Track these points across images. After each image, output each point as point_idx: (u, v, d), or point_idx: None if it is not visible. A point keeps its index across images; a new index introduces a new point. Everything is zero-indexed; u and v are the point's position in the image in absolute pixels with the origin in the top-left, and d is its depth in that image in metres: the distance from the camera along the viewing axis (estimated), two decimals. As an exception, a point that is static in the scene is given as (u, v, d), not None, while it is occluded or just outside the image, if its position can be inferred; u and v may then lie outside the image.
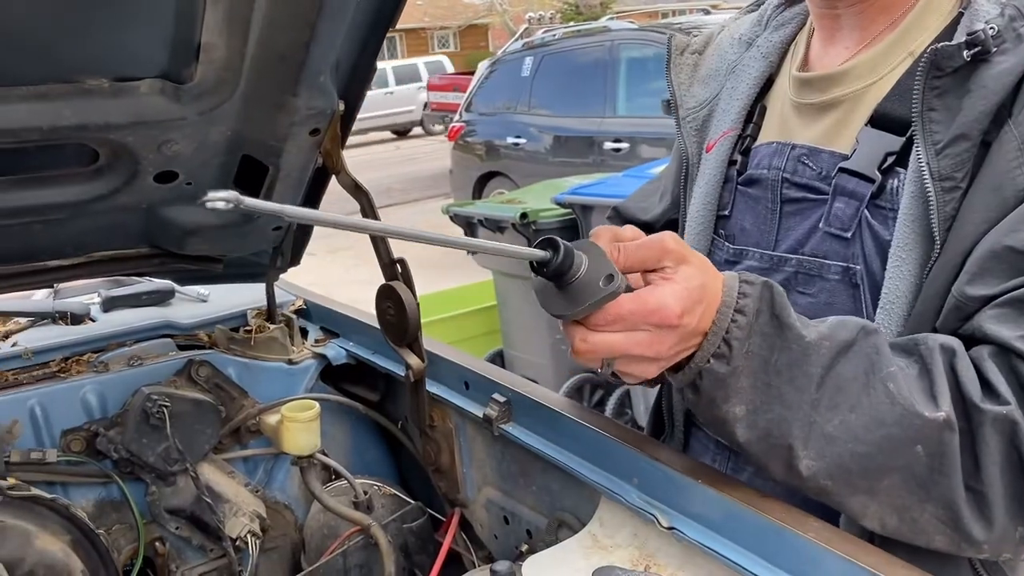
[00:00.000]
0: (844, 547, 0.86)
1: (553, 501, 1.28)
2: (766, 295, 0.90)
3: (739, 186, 1.21)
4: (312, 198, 1.56)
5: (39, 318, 1.67)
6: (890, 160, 1.04)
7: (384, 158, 16.02)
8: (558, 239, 0.82)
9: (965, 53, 0.95)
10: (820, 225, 1.10)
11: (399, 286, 1.35)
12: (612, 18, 12.01)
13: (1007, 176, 0.93)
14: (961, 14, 1.03)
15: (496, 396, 1.31)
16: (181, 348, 1.67)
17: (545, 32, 9.55)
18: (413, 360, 1.39)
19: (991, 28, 0.95)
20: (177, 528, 1.55)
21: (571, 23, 9.21)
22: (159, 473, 1.50)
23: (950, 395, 0.87)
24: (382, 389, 1.78)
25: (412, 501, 1.63)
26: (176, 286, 1.81)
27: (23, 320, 1.66)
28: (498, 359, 4.69)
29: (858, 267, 1.06)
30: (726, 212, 1.24)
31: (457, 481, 1.50)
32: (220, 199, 0.61)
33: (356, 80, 1.27)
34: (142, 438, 1.47)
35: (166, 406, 1.45)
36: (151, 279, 1.84)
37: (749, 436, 0.90)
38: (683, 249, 0.88)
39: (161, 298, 1.80)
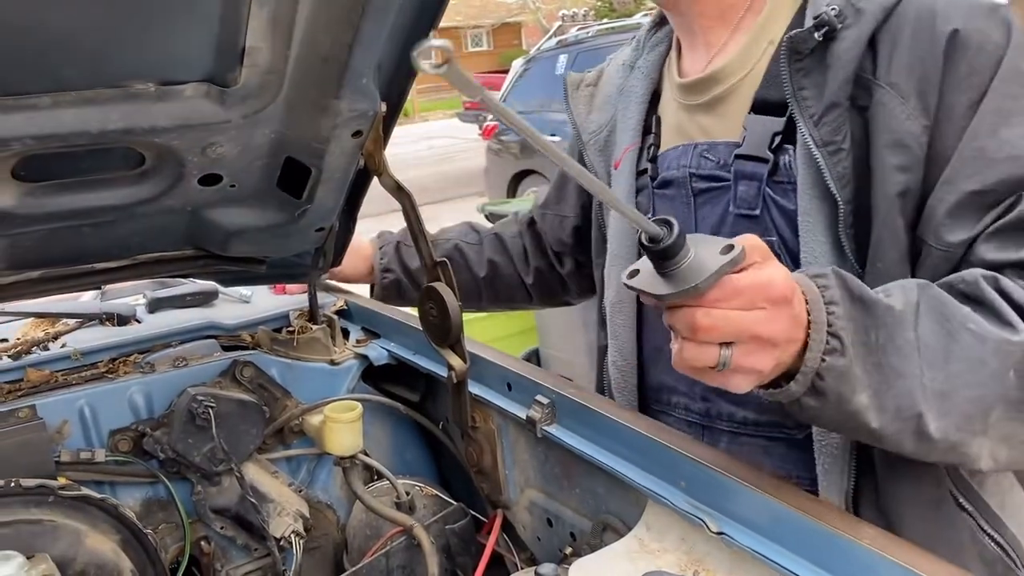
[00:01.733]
0: (900, 554, 0.84)
1: (598, 504, 1.27)
2: (840, 281, 0.90)
3: (655, 190, 1.33)
4: (354, 199, 1.56)
5: (87, 319, 1.69)
6: (777, 140, 1.15)
7: (419, 156, 16.09)
8: (672, 219, 0.80)
9: (816, 35, 1.08)
10: (730, 209, 1.21)
11: (442, 288, 1.35)
12: (646, 15, 11.92)
13: (904, 130, 1.04)
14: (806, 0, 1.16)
15: (539, 398, 1.30)
16: (225, 349, 1.68)
17: (579, 30, 9.51)
18: (455, 361, 1.38)
19: (832, 8, 1.08)
20: (222, 527, 1.57)
21: (605, 20, 9.15)
22: (204, 473, 1.52)
23: (1017, 315, 0.93)
24: (423, 389, 1.78)
25: (454, 502, 1.63)
26: (219, 287, 1.83)
27: (71, 322, 1.68)
28: (534, 357, 4.68)
29: (773, 239, 1.15)
30: (648, 215, 1.28)
31: (499, 482, 1.49)
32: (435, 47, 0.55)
33: (398, 81, 1.27)
34: (188, 438, 1.48)
35: (211, 407, 1.47)
36: (195, 280, 1.86)
37: (882, 420, 0.89)
38: (766, 247, 0.86)
39: (205, 299, 1.81)
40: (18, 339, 1.61)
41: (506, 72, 11.27)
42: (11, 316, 1.72)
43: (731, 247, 0.80)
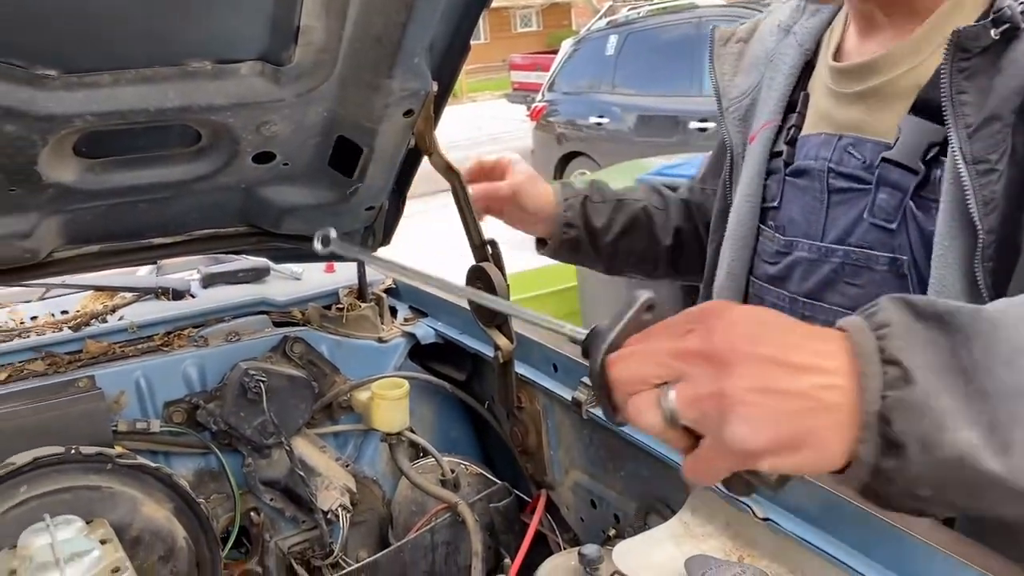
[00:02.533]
0: (952, 546, 0.83)
1: (643, 487, 1.27)
2: (898, 303, 0.65)
3: (787, 177, 1.20)
4: (404, 179, 1.57)
5: (143, 293, 1.73)
6: (933, 151, 1.01)
7: (467, 137, 16.11)
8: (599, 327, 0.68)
9: (992, 32, 0.93)
10: (865, 216, 1.09)
11: (490, 267, 1.35)
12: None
13: None
14: None
15: (586, 380, 1.30)
16: (276, 325, 1.71)
17: (630, 10, 9.41)
18: (502, 341, 1.39)
19: (1019, 3, 0.93)
20: (271, 499, 1.60)
21: (656, 0, 9.04)
22: (255, 446, 1.55)
23: None
24: (469, 369, 1.79)
25: (498, 481, 1.64)
26: (271, 264, 1.86)
27: (128, 295, 1.73)
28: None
29: (905, 258, 1.04)
30: (775, 203, 1.23)
31: (544, 463, 1.50)
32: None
33: (450, 61, 1.27)
34: (240, 411, 1.51)
35: (263, 381, 1.50)
36: (247, 257, 1.89)
37: (1009, 463, 0.59)
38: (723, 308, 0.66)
39: (257, 276, 1.84)
40: (77, 311, 1.66)
41: (555, 53, 11.20)
42: (71, 289, 1.77)
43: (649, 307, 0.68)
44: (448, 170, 1.41)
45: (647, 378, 0.63)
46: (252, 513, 1.62)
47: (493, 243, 1.38)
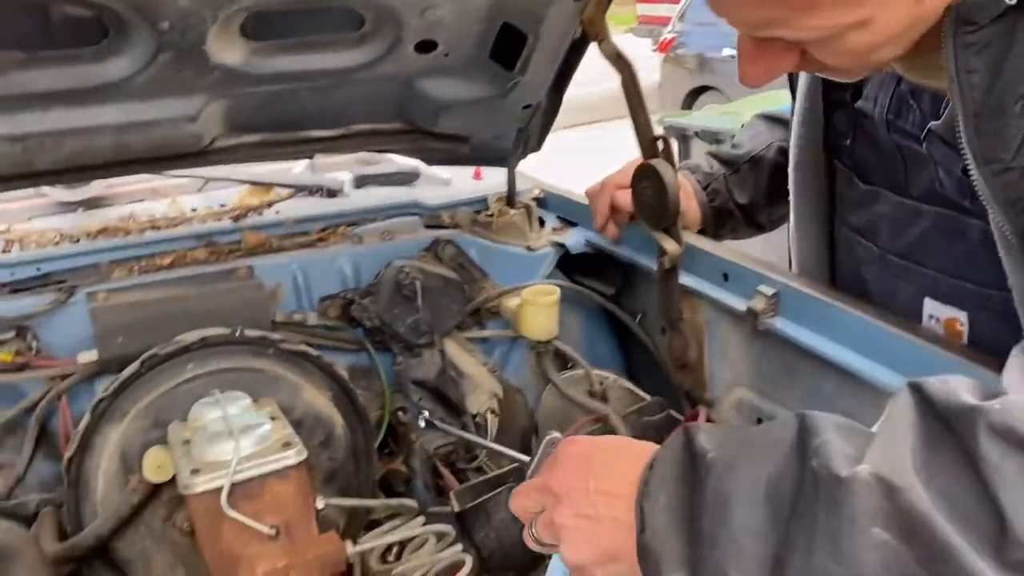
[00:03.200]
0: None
1: (823, 403, 1.17)
2: (678, 436, 0.76)
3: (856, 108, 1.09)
4: (564, 75, 1.49)
5: (298, 190, 1.73)
6: None
7: (589, 74, 15.73)
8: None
9: None
10: (937, 186, 0.98)
11: (660, 164, 1.27)
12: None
13: None
14: None
15: (762, 288, 1.21)
16: (426, 228, 1.68)
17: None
18: (669, 245, 1.31)
19: None
20: (420, 399, 1.59)
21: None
22: (407, 344, 1.54)
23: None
24: (619, 282, 1.72)
25: (648, 396, 1.58)
26: (421, 167, 1.83)
27: (283, 192, 1.73)
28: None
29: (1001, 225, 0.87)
30: (846, 141, 1.12)
31: (704, 379, 1.43)
32: None
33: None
34: (393, 308, 1.49)
35: (417, 279, 1.47)
36: (398, 160, 1.87)
37: None
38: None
39: (407, 179, 1.82)
40: (235, 205, 1.67)
41: (688, -18, 10.72)
42: (229, 182, 1.78)
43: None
44: (618, 59, 1.32)
45: (526, 509, 0.84)
46: (400, 413, 1.61)
47: (664, 138, 1.29)
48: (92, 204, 1.70)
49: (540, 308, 1.55)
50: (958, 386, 0.64)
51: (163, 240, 1.51)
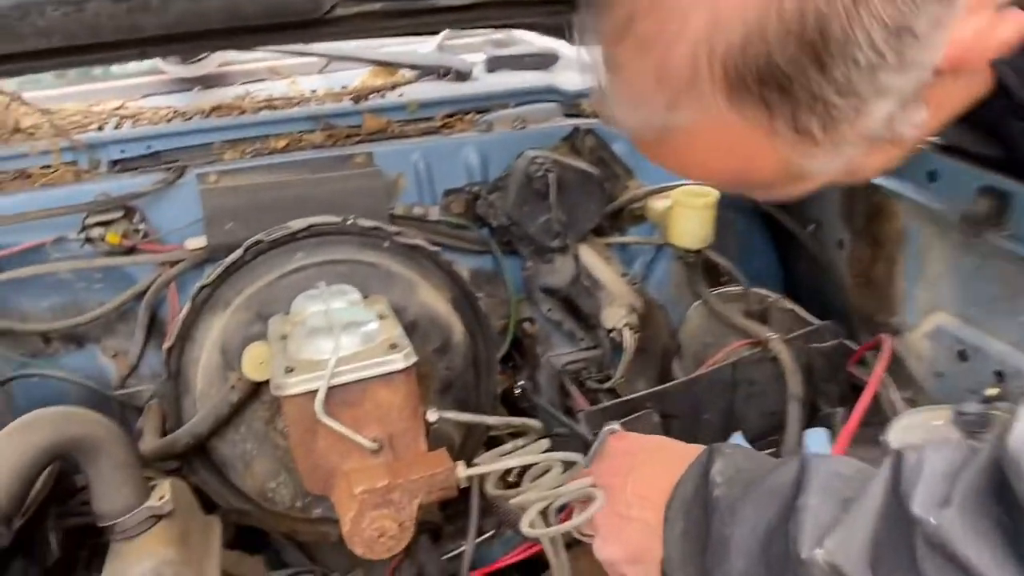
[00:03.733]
0: None
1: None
2: (698, 462, 0.80)
3: None
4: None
5: (425, 72, 1.57)
6: None
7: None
8: None
9: None
10: None
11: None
12: None
13: None
14: None
15: (988, 185, 0.96)
16: (565, 116, 1.48)
17: None
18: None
19: None
20: (549, 310, 1.42)
21: None
22: (538, 247, 1.36)
23: None
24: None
25: (816, 320, 1.35)
26: (562, 48, 1.62)
27: (409, 73, 1.57)
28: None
29: None
30: None
31: (893, 300, 1.19)
32: None
33: None
34: (524, 205, 1.32)
35: (551, 172, 1.28)
36: (535, 43, 1.66)
37: None
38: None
39: (545, 62, 1.62)
40: (357, 87, 1.52)
41: None
42: (351, 62, 1.64)
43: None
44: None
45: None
46: (526, 324, 1.46)
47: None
48: (208, 83, 1.59)
49: (693, 211, 1.34)
50: (922, 475, 0.59)
51: (278, 121, 1.39)
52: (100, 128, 1.37)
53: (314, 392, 0.79)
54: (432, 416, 0.96)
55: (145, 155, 1.34)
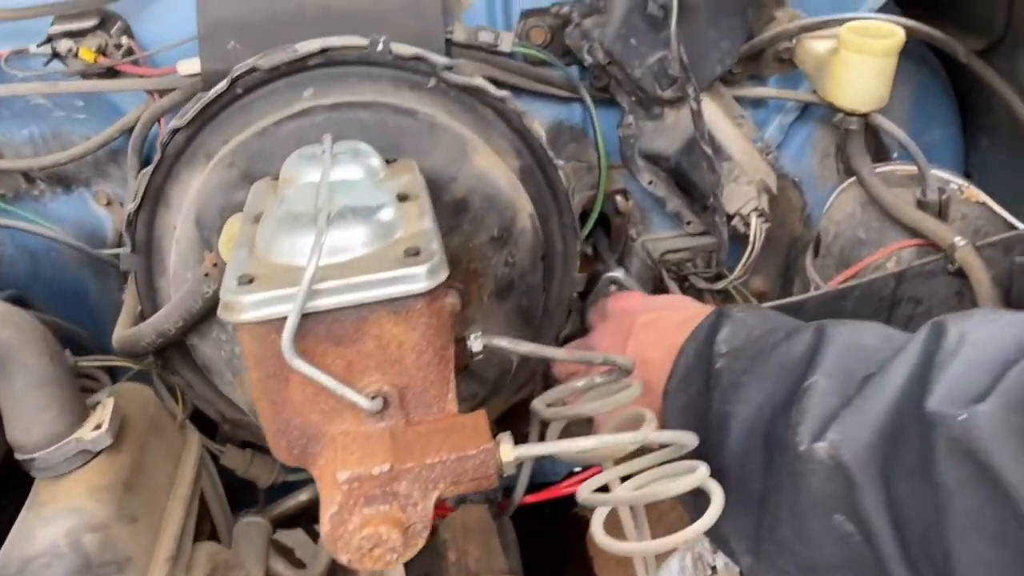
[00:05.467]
0: None
1: None
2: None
3: None
4: None
5: None
6: None
7: None
8: None
9: None
10: None
11: None
12: None
13: None
14: None
15: None
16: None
17: None
18: None
19: None
20: (651, 182, 1.08)
21: None
22: (644, 97, 1.01)
23: None
24: (998, 31, 1.07)
25: (1017, 222, 0.99)
26: None
27: None
28: None
29: None
30: None
31: None
32: None
33: None
34: (631, 37, 0.96)
35: (674, -11, 0.91)
36: None
37: None
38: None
39: None
40: None
41: None
42: None
43: None
44: None
45: (566, 369, 0.82)
46: (619, 197, 1.12)
47: None
48: None
49: (867, 58, 0.96)
50: (958, 357, 0.50)
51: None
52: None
53: (281, 321, 0.49)
54: (476, 344, 0.66)
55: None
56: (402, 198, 0.61)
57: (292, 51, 0.77)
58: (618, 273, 0.95)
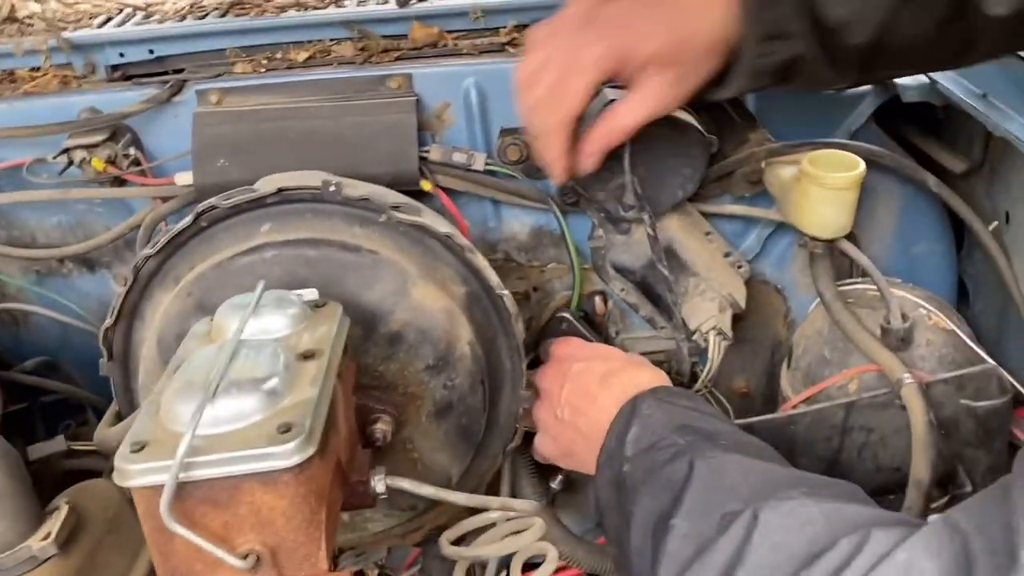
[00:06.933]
0: None
1: None
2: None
3: None
4: None
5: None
6: None
7: None
8: None
9: None
10: None
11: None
12: None
13: None
14: None
15: None
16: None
17: None
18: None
19: None
20: (622, 290, 1.12)
21: None
22: (608, 216, 1.05)
23: None
24: (977, 157, 1.07)
25: (985, 356, 0.98)
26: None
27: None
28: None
29: None
30: None
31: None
32: None
33: None
34: (591, 164, 1.00)
35: (628, 125, 0.94)
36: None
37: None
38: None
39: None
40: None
41: None
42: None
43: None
44: None
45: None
46: (597, 298, 1.17)
47: None
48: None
49: (828, 191, 0.97)
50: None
51: (304, 25, 1.11)
52: (103, 24, 1.15)
53: (161, 488, 0.56)
54: (379, 485, 0.72)
55: (148, 60, 1.12)
56: (307, 355, 0.67)
57: (251, 192, 0.84)
58: (566, 314, 1.08)
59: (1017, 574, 0.45)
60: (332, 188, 0.84)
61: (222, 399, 0.60)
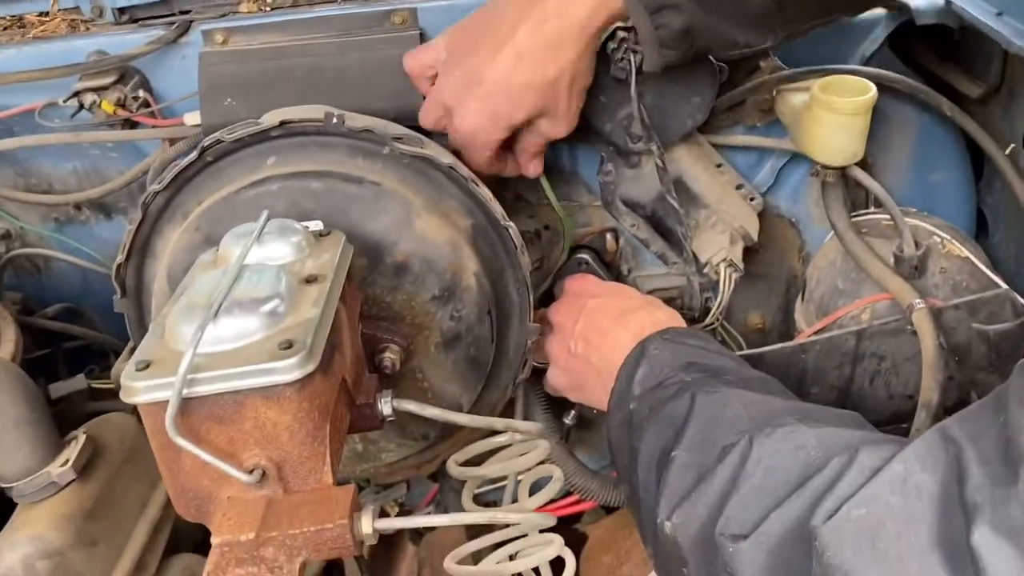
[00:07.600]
0: None
1: None
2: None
3: None
4: None
5: None
6: None
7: None
8: None
9: None
10: None
11: None
12: None
13: None
14: None
15: None
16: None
17: None
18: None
19: None
20: (633, 225, 1.11)
21: None
22: (617, 149, 1.04)
23: None
24: (993, 80, 1.04)
25: (999, 282, 0.97)
26: None
27: None
28: None
29: None
30: None
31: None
32: None
33: None
34: (599, 95, 0.99)
35: (635, 51, 0.93)
36: None
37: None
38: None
39: None
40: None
41: None
42: None
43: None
44: None
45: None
46: (609, 235, 1.16)
47: None
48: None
49: (838, 116, 0.96)
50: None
51: (312, -42, 1.11)
52: (108, -35, 1.15)
53: (167, 403, 0.57)
54: (386, 407, 0.73)
55: (155, 2, 1.12)
56: (310, 280, 0.68)
57: (256, 125, 0.84)
58: (586, 255, 1.09)
59: (1017, 486, 0.44)
60: (335, 120, 0.84)
61: (224, 318, 0.60)
